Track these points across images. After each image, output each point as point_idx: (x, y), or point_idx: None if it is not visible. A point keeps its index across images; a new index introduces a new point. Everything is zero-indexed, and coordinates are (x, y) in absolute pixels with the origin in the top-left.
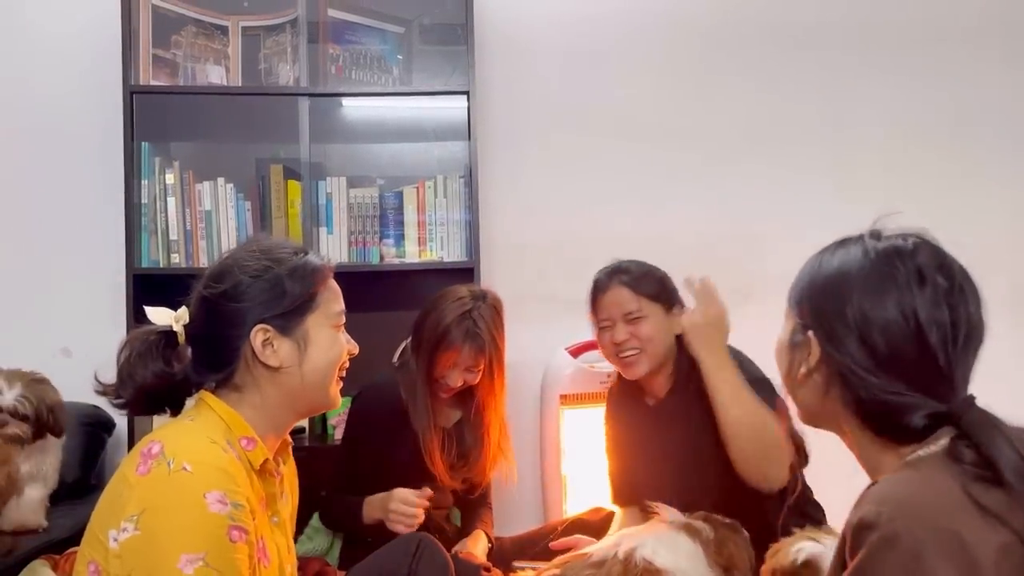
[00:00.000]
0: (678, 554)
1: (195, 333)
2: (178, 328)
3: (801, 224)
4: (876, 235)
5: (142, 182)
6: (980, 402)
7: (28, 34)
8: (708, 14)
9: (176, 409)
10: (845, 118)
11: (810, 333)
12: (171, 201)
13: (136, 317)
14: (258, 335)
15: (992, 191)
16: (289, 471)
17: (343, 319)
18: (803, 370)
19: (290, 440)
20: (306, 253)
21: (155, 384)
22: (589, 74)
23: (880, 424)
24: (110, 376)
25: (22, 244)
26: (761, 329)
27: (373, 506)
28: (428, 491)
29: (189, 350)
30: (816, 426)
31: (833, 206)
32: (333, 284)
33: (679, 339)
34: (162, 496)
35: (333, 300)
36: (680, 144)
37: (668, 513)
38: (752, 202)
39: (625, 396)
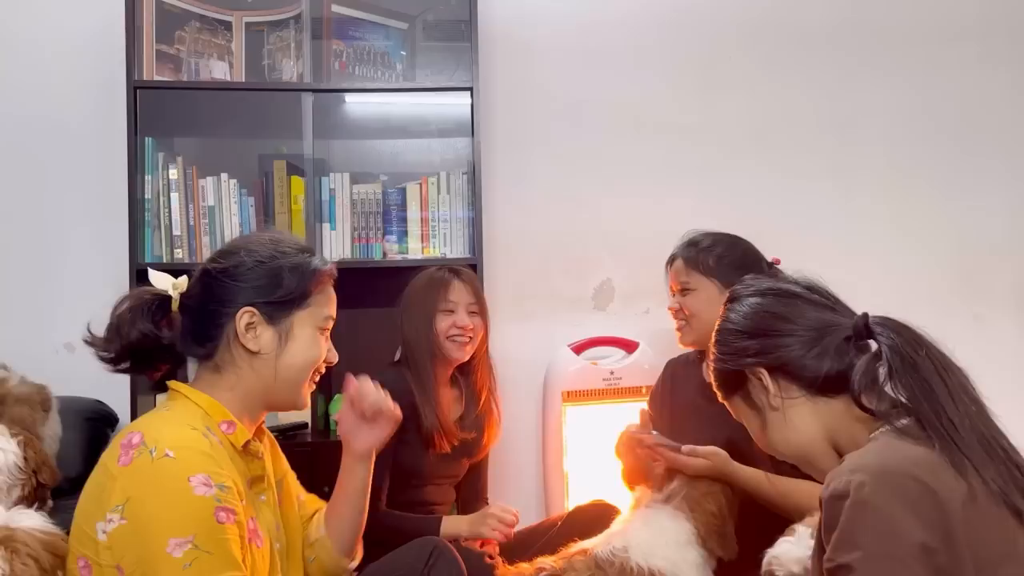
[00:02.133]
0: (668, 544)
1: (188, 304)
2: (174, 294)
3: (804, 222)
4: (742, 290)
5: (145, 177)
6: (996, 404)
7: (32, 29)
8: (712, 11)
9: (161, 381)
10: (848, 117)
11: (759, 370)
12: (174, 196)
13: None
14: (244, 316)
15: (995, 191)
16: (269, 442)
17: (330, 325)
18: (775, 403)
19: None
20: (313, 254)
21: (140, 342)
22: (593, 71)
23: (836, 382)
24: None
25: (25, 238)
26: None
27: (458, 524)
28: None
29: (180, 320)
30: (823, 464)
31: (836, 205)
32: (330, 291)
33: None
34: (146, 484)
35: (325, 304)
36: (683, 142)
37: (644, 495)
38: (755, 200)
39: (688, 365)
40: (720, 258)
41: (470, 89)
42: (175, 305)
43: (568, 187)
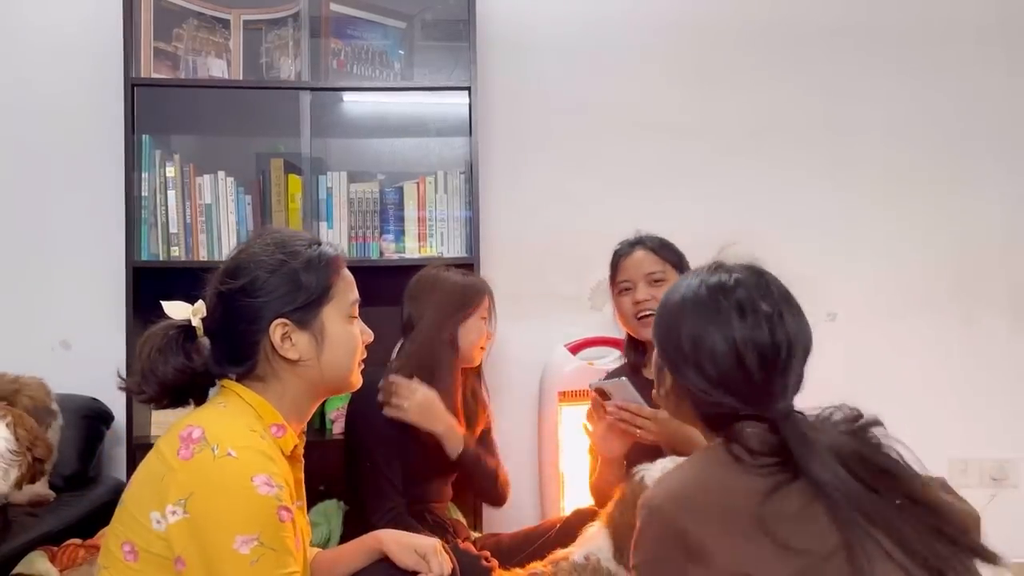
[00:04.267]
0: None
1: (213, 328)
2: (196, 322)
3: (801, 223)
4: (713, 268)
5: (142, 175)
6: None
7: (29, 26)
8: (710, 12)
9: (200, 400)
10: (846, 118)
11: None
12: (171, 194)
13: (135, 310)
14: (277, 330)
15: (991, 193)
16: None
17: (357, 308)
18: (663, 391)
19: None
20: (319, 244)
21: (177, 379)
22: (591, 71)
23: (722, 430)
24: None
25: (22, 236)
26: None
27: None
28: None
29: (207, 343)
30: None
31: (833, 206)
32: (347, 273)
33: None
34: (210, 481)
35: (347, 290)
36: (681, 142)
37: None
38: (752, 201)
39: (623, 370)
40: (680, 255)
41: (468, 89)
42: (200, 332)
43: (565, 187)
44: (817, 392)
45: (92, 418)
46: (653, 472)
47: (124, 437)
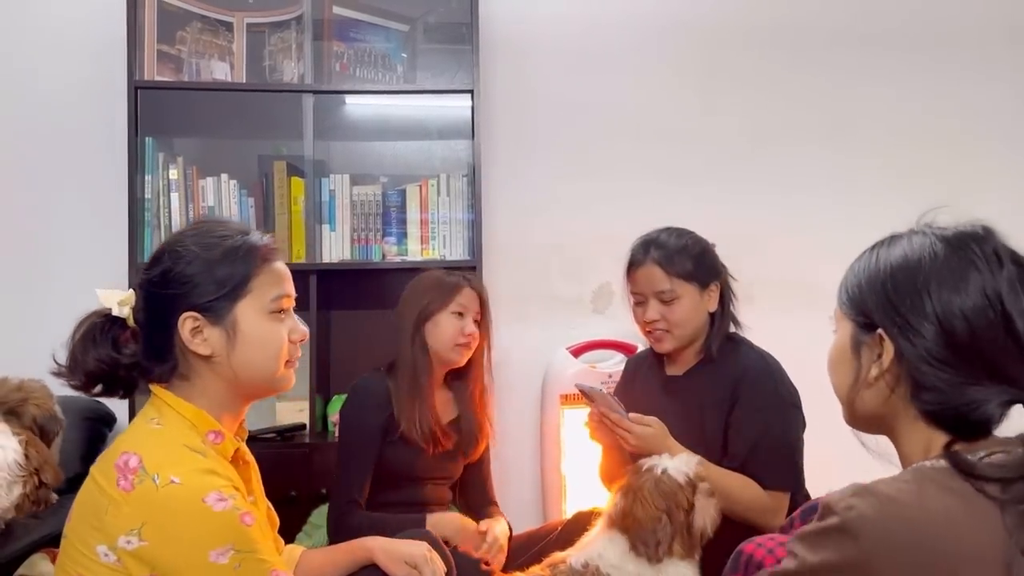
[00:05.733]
0: (615, 553)
1: (139, 319)
2: (122, 312)
3: (803, 227)
4: (932, 226)
5: (146, 177)
6: None
7: (33, 29)
8: (712, 16)
9: (127, 394)
10: (848, 122)
11: (879, 331)
12: (174, 197)
13: None
14: (186, 323)
15: (996, 196)
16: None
17: (285, 304)
18: (874, 372)
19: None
20: (246, 234)
21: (99, 369)
22: (593, 74)
23: (953, 421)
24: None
25: (25, 238)
26: (762, 332)
27: (441, 526)
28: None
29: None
30: (865, 430)
31: (835, 209)
32: (274, 267)
33: (713, 315)
34: (161, 510)
35: (270, 285)
36: (683, 145)
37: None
38: (755, 204)
39: (646, 363)
40: (697, 259)
41: (470, 92)
42: (130, 321)
43: (568, 190)
44: (817, 397)
45: (94, 420)
46: (678, 465)
47: None
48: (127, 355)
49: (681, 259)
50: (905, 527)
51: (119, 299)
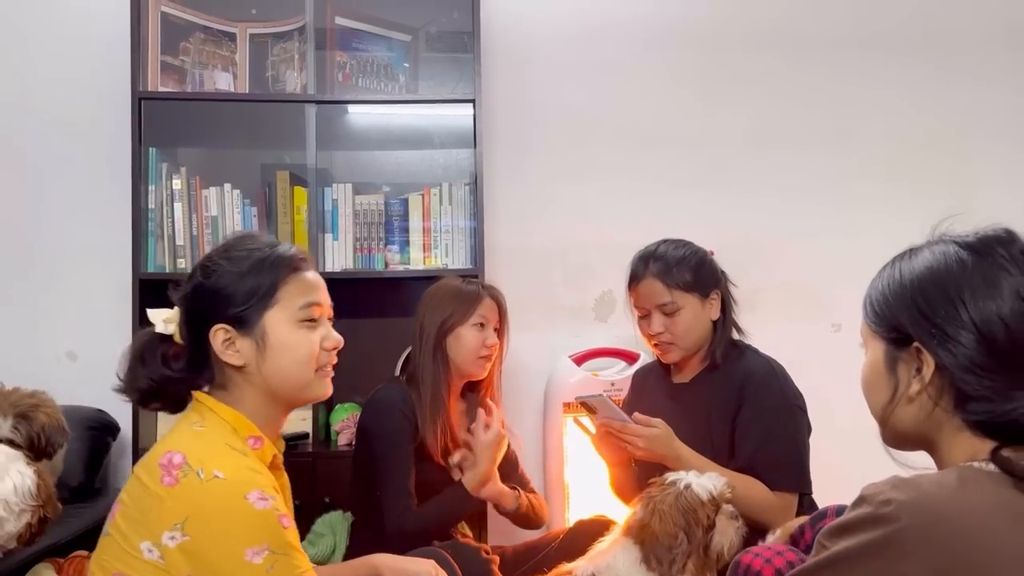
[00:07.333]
0: (627, 562)
1: (182, 335)
2: (168, 329)
3: (805, 232)
4: (950, 235)
5: (149, 187)
6: None
7: (37, 40)
8: (713, 22)
9: (181, 407)
10: (849, 126)
11: (916, 345)
12: (178, 206)
13: (141, 322)
14: (217, 335)
15: (997, 199)
16: None
17: (315, 313)
18: (915, 387)
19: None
20: (274, 247)
21: (151, 387)
22: (594, 82)
23: (1001, 428)
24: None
25: (29, 247)
26: (764, 338)
27: (471, 478)
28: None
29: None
30: (902, 448)
31: (837, 215)
32: (303, 277)
33: (716, 323)
34: (204, 504)
35: (298, 294)
36: (685, 152)
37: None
38: (756, 210)
39: (654, 373)
40: (696, 270)
41: (472, 101)
42: (177, 338)
43: (569, 198)
44: (819, 404)
45: (98, 429)
46: (703, 482)
47: (130, 448)
48: (177, 370)
49: (680, 271)
50: (943, 521)
51: (164, 317)
